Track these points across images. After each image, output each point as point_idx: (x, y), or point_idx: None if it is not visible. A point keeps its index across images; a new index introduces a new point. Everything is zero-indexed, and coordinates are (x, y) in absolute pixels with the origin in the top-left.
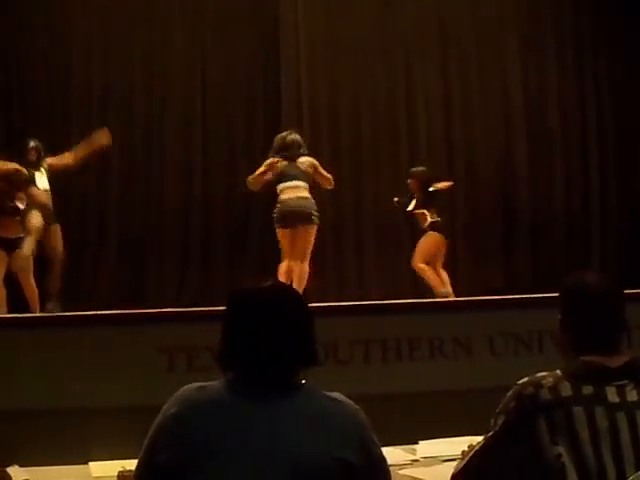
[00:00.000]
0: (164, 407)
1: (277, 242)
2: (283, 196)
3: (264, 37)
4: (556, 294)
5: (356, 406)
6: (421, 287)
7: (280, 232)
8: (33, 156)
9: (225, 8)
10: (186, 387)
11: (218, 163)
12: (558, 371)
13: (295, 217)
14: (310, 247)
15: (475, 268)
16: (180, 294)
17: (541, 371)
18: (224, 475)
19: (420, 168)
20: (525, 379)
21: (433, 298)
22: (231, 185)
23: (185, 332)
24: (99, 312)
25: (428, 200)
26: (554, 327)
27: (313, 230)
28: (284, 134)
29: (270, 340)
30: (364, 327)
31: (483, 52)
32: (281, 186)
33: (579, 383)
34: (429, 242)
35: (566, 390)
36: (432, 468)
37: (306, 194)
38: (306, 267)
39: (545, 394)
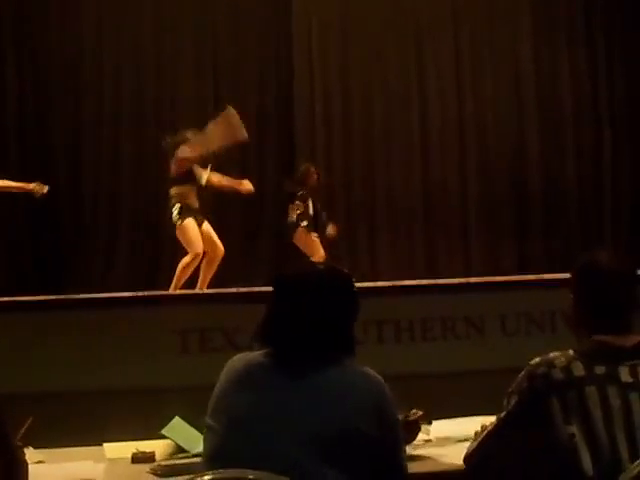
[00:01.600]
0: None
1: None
2: None
3: (276, 20)
4: (568, 274)
5: (381, 380)
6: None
7: None
8: None
9: None
10: (235, 357)
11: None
12: (570, 351)
13: None
14: None
15: (488, 249)
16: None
17: (554, 351)
18: (252, 443)
19: None
20: (537, 359)
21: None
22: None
23: (198, 314)
24: (112, 294)
25: None
26: (566, 307)
27: None
28: None
29: (309, 320)
30: (377, 308)
31: (495, 34)
32: None
33: (592, 363)
34: None
35: (579, 370)
36: (445, 448)
37: None
38: None
39: (558, 374)
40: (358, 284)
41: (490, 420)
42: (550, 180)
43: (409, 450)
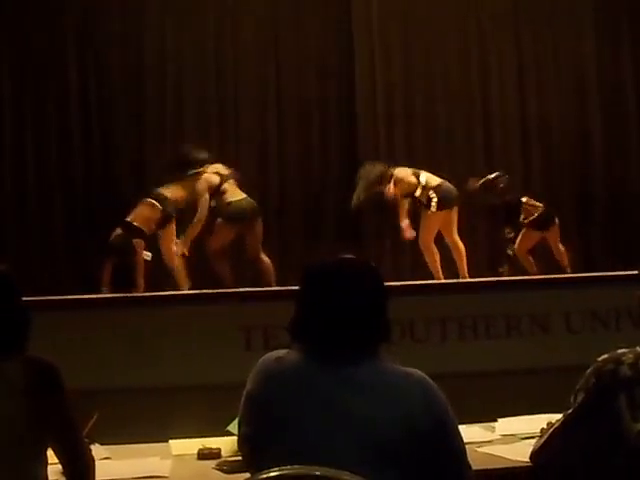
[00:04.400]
0: (248, 380)
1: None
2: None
3: (337, 16)
4: (634, 272)
5: (429, 380)
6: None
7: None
8: None
9: None
10: (265, 357)
11: (292, 144)
12: (638, 348)
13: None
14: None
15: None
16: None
17: (619, 348)
18: (303, 442)
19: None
20: (605, 356)
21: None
22: (306, 168)
23: (262, 311)
24: (177, 292)
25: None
26: (632, 304)
27: None
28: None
29: (343, 311)
30: (440, 305)
31: (557, 27)
32: None
33: None
34: None
35: None
36: (511, 446)
37: None
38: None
39: (625, 370)
40: (421, 282)
41: (556, 418)
42: (614, 178)
43: (475, 448)
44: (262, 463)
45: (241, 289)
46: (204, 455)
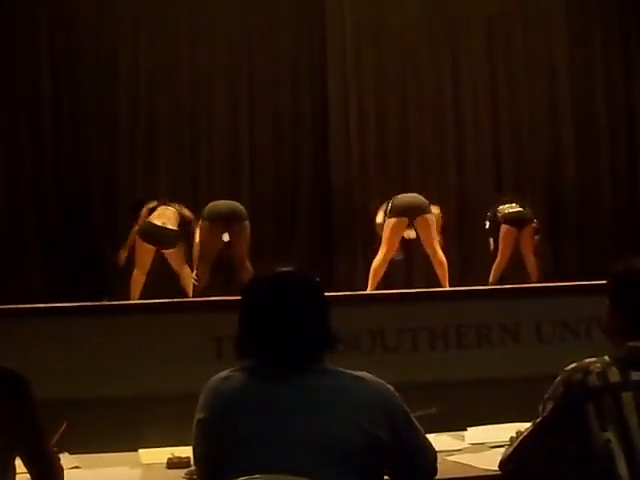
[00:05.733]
0: (199, 401)
1: (325, 229)
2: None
3: (310, 23)
4: (604, 281)
5: (382, 382)
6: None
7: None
8: None
9: None
10: (213, 378)
11: (265, 147)
12: (606, 357)
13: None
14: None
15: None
16: (230, 283)
17: (589, 358)
18: (259, 461)
19: None
20: (573, 365)
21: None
22: (278, 172)
23: (234, 320)
24: (149, 300)
25: None
26: (602, 314)
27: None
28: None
29: (281, 325)
30: (411, 315)
31: (529, 37)
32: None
33: (628, 369)
34: None
35: (614, 376)
36: (480, 454)
37: None
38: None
39: (593, 380)
40: (392, 291)
41: (525, 427)
42: (586, 185)
43: (444, 456)
44: None
45: (212, 298)
46: (173, 464)
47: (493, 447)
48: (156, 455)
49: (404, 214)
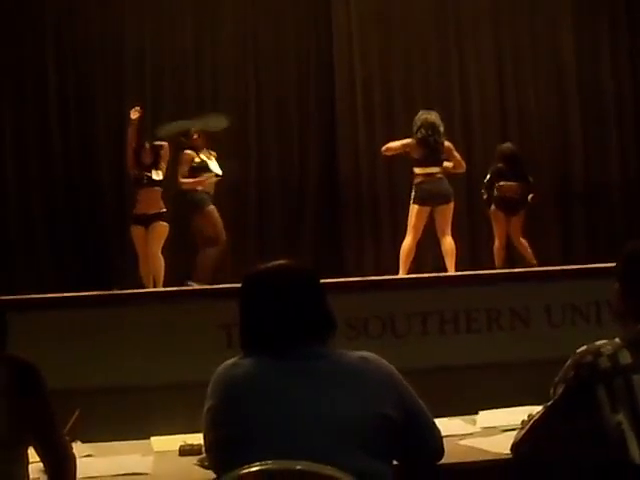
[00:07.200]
0: (208, 389)
1: (333, 216)
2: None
3: (316, 13)
4: (613, 264)
5: (385, 362)
6: (478, 260)
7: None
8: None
9: None
10: (222, 365)
11: (270, 138)
12: (617, 339)
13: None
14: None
15: (531, 238)
16: (239, 269)
17: (599, 341)
18: (270, 446)
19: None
20: (584, 347)
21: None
22: (285, 163)
23: None
24: (158, 289)
25: None
26: (611, 297)
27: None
28: (426, 115)
29: (284, 312)
30: (421, 300)
31: (536, 24)
32: (418, 170)
33: (638, 351)
34: None
35: (625, 358)
36: (492, 438)
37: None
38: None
39: (604, 362)
40: (401, 276)
41: (537, 410)
42: (594, 170)
43: (456, 440)
44: (234, 466)
45: (221, 285)
46: (185, 451)
47: (505, 431)
48: (168, 443)
49: (428, 202)
